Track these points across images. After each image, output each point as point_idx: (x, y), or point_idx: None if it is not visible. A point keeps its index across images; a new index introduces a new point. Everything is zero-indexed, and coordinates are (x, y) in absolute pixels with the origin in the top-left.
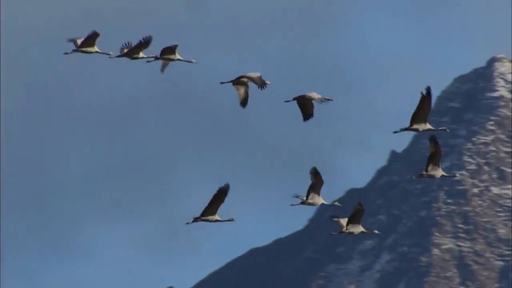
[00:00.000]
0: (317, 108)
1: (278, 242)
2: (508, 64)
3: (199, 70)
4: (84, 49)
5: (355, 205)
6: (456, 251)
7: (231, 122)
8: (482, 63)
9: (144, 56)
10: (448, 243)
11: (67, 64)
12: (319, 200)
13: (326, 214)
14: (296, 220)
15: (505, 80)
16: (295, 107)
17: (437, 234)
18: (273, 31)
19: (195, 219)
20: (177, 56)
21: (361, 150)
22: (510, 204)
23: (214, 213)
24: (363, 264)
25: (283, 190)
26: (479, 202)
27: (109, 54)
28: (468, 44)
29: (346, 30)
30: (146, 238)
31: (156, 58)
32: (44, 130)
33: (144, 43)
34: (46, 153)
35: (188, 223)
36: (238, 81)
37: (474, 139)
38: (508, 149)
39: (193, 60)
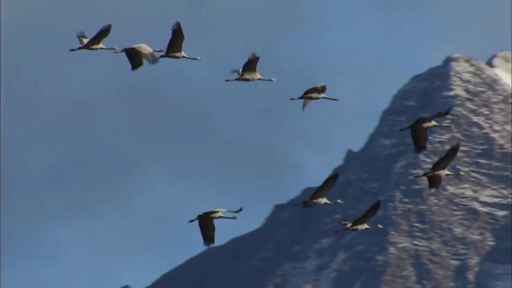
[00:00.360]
0: (273, 107)
1: (235, 241)
2: (464, 63)
3: (161, 71)
4: (92, 46)
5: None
6: (412, 250)
7: (192, 121)
8: (438, 62)
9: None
10: (404, 242)
11: (27, 61)
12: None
13: (283, 213)
14: (253, 219)
15: (461, 79)
16: (256, 106)
17: (393, 233)
18: (234, 29)
19: (199, 216)
20: (182, 53)
21: (318, 149)
22: (466, 203)
23: (216, 212)
24: (319, 263)
25: (240, 188)
26: (435, 201)
27: (114, 49)
28: (425, 43)
29: (306, 29)
30: (104, 236)
31: (162, 56)
32: (5, 129)
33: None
34: (6, 151)
35: (191, 220)
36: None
37: (430, 137)
38: (465, 148)
39: (198, 58)
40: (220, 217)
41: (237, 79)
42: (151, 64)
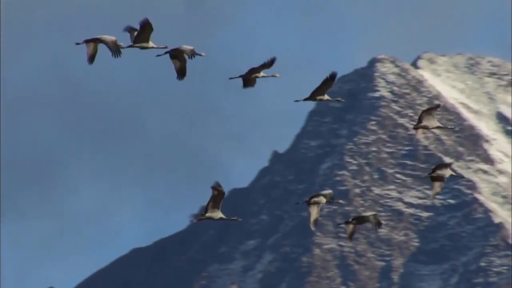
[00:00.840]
0: (200, 107)
1: (160, 242)
2: (389, 64)
3: (88, 69)
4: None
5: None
6: (338, 251)
7: (120, 121)
8: (363, 63)
9: (265, 75)
10: (330, 243)
11: None
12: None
13: None
14: (178, 220)
15: (386, 81)
16: (183, 106)
17: (318, 234)
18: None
19: (200, 217)
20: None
21: (244, 150)
22: (390, 204)
23: (218, 209)
24: (245, 264)
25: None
26: (361, 202)
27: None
28: (350, 44)
29: (232, 29)
30: (29, 237)
31: (241, 76)
32: None
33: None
34: None
35: (192, 221)
36: (173, 54)
37: (355, 139)
38: (389, 150)
39: (203, 54)
40: (221, 218)
41: (241, 76)
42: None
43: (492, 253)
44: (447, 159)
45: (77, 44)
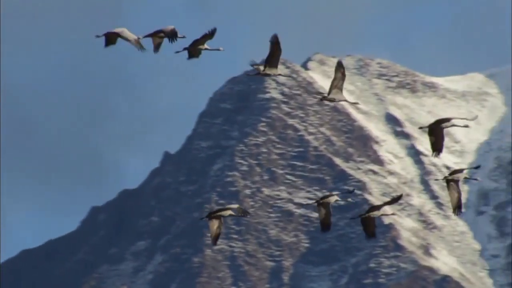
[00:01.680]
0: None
1: (50, 243)
2: (279, 65)
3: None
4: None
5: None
6: (228, 251)
7: (12, 122)
8: None
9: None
10: (220, 243)
11: None
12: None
13: (99, 215)
14: (69, 221)
15: (277, 82)
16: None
17: (209, 235)
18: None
19: (210, 215)
20: (205, 45)
21: (135, 151)
22: (281, 205)
23: (226, 209)
24: (136, 265)
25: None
26: (251, 203)
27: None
28: (241, 45)
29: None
30: None
31: (185, 48)
32: None
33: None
34: None
35: (202, 218)
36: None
37: (246, 140)
38: (279, 151)
39: (221, 48)
40: (230, 215)
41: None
42: (170, 41)
43: (382, 254)
44: (337, 160)
45: (97, 37)
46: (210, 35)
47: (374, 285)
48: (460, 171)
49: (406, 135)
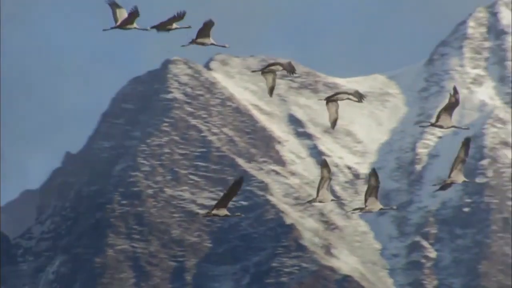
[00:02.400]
0: None
1: None
2: (182, 66)
3: None
4: (124, 26)
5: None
6: (131, 252)
7: None
8: (157, 65)
9: (178, 26)
10: (123, 244)
11: None
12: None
13: (1, 215)
14: None
15: (179, 82)
16: None
17: (111, 235)
18: None
19: (208, 214)
20: (211, 40)
21: (36, 151)
22: (184, 206)
23: (225, 206)
24: (37, 265)
25: None
26: (154, 203)
27: (146, 29)
28: (144, 45)
29: (24, 29)
30: None
31: (191, 43)
32: None
33: (178, 17)
34: None
35: (201, 215)
36: (267, 69)
37: (148, 140)
38: (182, 151)
39: (227, 45)
40: (226, 215)
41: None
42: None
43: (284, 254)
44: (240, 161)
45: (104, 30)
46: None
47: (276, 284)
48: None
49: (308, 136)
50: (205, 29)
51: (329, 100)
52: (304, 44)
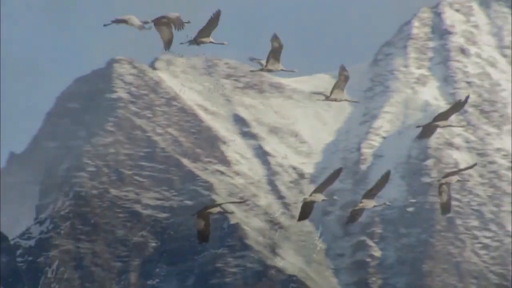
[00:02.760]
0: None
1: None
2: (127, 65)
3: None
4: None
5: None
6: (75, 252)
7: None
8: (101, 64)
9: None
10: (67, 244)
11: None
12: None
13: None
14: None
15: (124, 82)
16: None
17: (55, 235)
18: None
19: (204, 210)
20: (211, 38)
21: None
22: (128, 206)
23: (216, 206)
24: None
25: None
26: (99, 203)
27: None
28: (89, 45)
29: None
30: None
31: (191, 42)
32: None
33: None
34: None
35: (193, 215)
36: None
37: (93, 140)
38: (127, 151)
39: (225, 42)
40: (221, 212)
41: (261, 70)
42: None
43: (229, 254)
44: (185, 161)
45: (105, 25)
46: (215, 19)
47: (220, 285)
48: (454, 173)
49: (253, 136)
50: (213, 23)
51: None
52: (249, 44)
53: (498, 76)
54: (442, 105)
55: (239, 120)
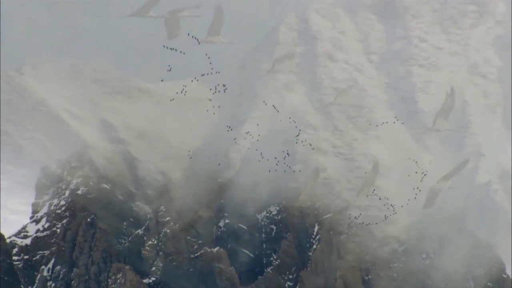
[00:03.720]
0: None
1: None
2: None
3: None
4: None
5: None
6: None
7: None
8: None
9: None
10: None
11: None
12: (219, 39)
13: None
14: None
15: None
16: None
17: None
18: None
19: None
20: (220, 38)
21: None
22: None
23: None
24: None
25: None
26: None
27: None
28: None
29: None
30: None
31: (200, 41)
32: None
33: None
34: None
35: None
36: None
37: None
38: None
39: (234, 41)
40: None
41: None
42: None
43: None
44: (53, 166)
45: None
46: (219, 12)
47: None
48: (449, 177)
49: (120, 141)
50: (220, 20)
51: None
52: (114, 48)
53: (365, 81)
54: (310, 111)
55: (106, 125)
